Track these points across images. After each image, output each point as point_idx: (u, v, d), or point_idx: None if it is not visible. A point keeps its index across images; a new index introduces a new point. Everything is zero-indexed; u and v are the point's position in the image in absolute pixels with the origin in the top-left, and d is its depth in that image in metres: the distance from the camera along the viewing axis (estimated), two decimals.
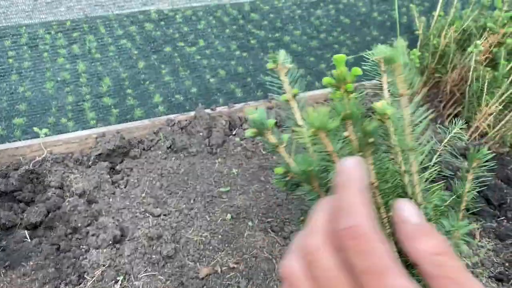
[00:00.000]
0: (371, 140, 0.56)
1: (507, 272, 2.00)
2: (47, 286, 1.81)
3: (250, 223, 2.22)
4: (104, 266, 1.93)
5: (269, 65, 0.75)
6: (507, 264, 2.03)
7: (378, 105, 0.60)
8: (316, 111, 0.55)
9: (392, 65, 0.56)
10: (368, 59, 0.61)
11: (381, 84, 0.62)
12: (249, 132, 0.75)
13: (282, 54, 0.74)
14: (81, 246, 2.03)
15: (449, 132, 0.83)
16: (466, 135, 2.65)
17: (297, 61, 3.77)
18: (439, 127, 2.92)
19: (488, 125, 2.60)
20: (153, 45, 3.83)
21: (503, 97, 2.49)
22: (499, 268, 2.02)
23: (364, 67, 0.64)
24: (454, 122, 0.90)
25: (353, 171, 0.38)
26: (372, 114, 0.60)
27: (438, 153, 0.86)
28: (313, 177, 0.64)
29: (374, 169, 0.62)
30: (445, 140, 0.90)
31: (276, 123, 2.90)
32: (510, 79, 2.48)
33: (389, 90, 0.61)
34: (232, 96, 3.27)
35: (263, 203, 2.34)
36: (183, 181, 2.48)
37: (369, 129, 0.55)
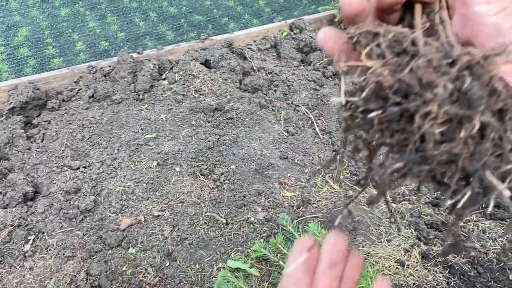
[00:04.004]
0: None
1: (443, 197, 1.94)
2: None
3: (178, 169, 2.07)
4: (12, 226, 1.75)
5: None
6: None
7: None
8: None
9: None
10: None
11: None
12: None
13: None
14: None
15: None
16: None
17: (235, 0, 3.53)
18: None
19: None
20: None
21: None
22: (435, 193, 1.96)
23: None
24: None
25: None
26: None
27: None
28: None
29: None
30: None
31: (208, 63, 2.65)
32: None
33: None
34: (162, 39, 3.03)
35: (193, 147, 2.19)
36: (106, 131, 2.28)
37: None
